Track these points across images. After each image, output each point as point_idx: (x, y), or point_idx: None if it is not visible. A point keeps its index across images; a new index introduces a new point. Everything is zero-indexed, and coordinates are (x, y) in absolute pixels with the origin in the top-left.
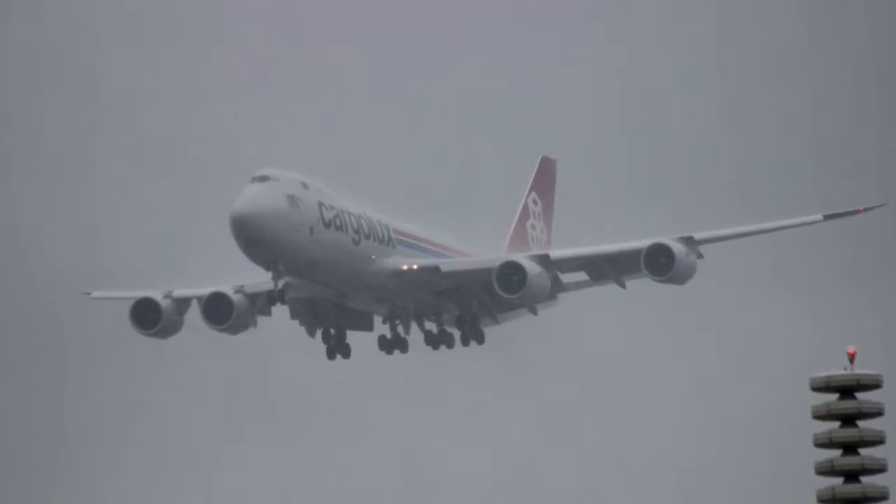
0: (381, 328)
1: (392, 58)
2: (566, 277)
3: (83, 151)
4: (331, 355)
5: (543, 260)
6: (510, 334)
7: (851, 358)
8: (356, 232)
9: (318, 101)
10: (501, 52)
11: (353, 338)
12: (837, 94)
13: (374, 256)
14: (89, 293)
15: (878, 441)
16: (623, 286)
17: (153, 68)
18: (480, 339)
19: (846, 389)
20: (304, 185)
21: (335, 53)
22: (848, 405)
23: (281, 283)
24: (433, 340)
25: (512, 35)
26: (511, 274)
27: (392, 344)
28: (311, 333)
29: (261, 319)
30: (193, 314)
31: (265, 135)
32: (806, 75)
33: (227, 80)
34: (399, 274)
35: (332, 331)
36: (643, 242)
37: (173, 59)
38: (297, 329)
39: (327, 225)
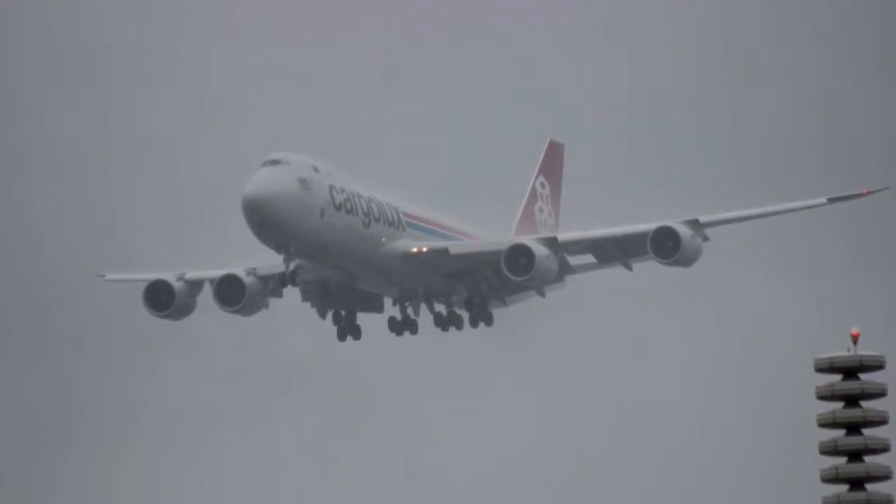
0: (391, 310)
1: (401, 44)
2: (573, 260)
3: (97, 135)
4: (341, 337)
5: (551, 242)
6: (518, 316)
7: (855, 339)
8: (366, 215)
9: (329, 87)
10: (509, 38)
11: (364, 319)
12: (841, 79)
13: (384, 239)
14: (103, 275)
15: (881, 422)
16: (629, 268)
17: (165, 54)
18: (489, 321)
19: (850, 370)
20: (315, 169)
21: (345, 40)
22: (851, 386)
23: (292, 266)
24: (442, 322)
25: (520, 21)
26: (519, 256)
27: (402, 325)
28: (322, 315)
29: (272, 301)
30: (206, 296)
31: (277, 119)
32: (810, 60)
33: (238, 65)
34: (409, 256)
35: (343, 312)
36: (649, 225)
37: (185, 46)
38: (308, 311)
39: (338, 208)
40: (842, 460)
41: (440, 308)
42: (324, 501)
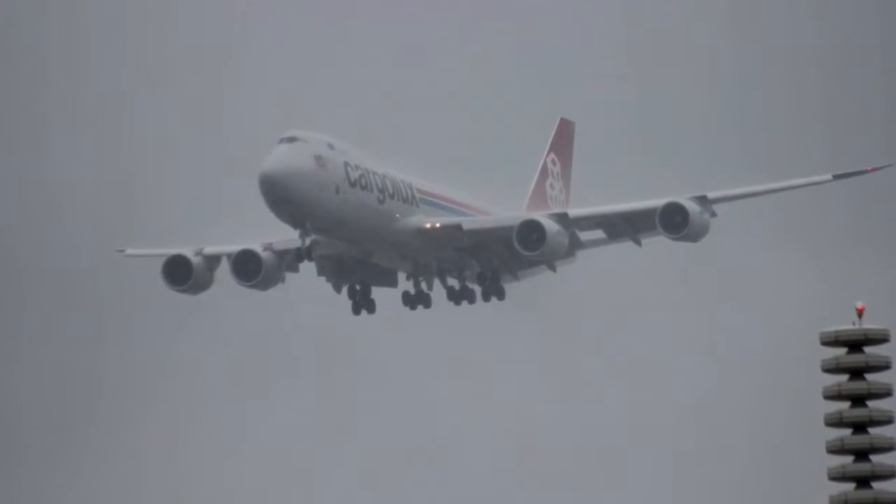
0: (404, 284)
1: (415, 22)
2: (584, 235)
3: (115, 109)
4: (356, 310)
5: (562, 218)
6: (530, 290)
7: (860, 313)
8: (381, 191)
9: (344, 64)
10: (521, 15)
11: (378, 293)
12: (847, 56)
13: (398, 215)
14: (122, 250)
15: (885, 393)
16: (639, 244)
17: (185, 28)
18: (501, 295)
19: (854, 344)
20: (331, 146)
21: (360, 17)
22: (856, 359)
23: (308, 241)
24: (455, 296)
25: None
26: (531, 232)
27: (415, 299)
28: (338, 289)
29: (289, 276)
30: (223, 271)
31: (293, 96)
32: (816, 37)
33: (255, 42)
34: (422, 232)
35: (358, 287)
36: (658, 201)
37: (204, 20)
38: (323, 285)
39: (353, 184)
40: (847, 432)
41: (453, 282)
42: (338, 474)
